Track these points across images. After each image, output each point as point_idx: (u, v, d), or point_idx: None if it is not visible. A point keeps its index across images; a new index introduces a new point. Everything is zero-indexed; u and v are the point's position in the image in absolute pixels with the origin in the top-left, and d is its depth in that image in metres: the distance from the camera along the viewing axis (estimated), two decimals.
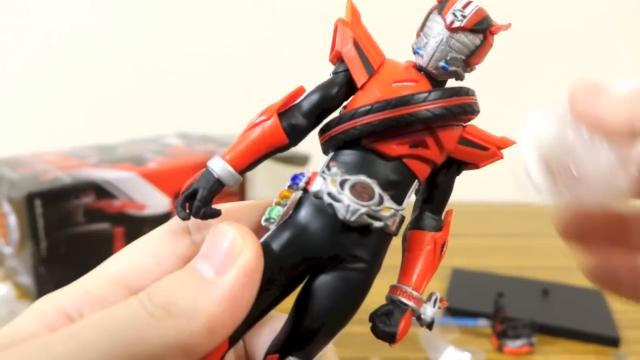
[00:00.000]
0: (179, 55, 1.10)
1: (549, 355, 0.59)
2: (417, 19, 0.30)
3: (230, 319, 0.23)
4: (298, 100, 0.30)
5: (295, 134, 0.30)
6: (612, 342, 0.60)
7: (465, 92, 0.30)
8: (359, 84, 0.29)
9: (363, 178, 0.27)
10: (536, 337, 0.60)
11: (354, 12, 0.31)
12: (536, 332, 0.60)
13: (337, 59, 0.30)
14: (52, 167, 0.74)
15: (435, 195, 0.31)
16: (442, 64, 0.29)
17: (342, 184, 0.27)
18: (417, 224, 0.31)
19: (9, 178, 0.71)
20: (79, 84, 1.11)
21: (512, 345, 0.58)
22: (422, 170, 0.30)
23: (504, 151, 0.33)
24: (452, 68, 0.30)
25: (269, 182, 0.77)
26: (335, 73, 0.30)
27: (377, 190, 0.27)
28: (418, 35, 0.30)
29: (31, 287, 0.68)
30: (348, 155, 0.29)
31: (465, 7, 0.29)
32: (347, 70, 0.30)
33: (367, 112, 0.28)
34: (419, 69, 0.30)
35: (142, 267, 0.27)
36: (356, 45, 0.30)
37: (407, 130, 0.28)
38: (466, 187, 1.18)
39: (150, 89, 1.10)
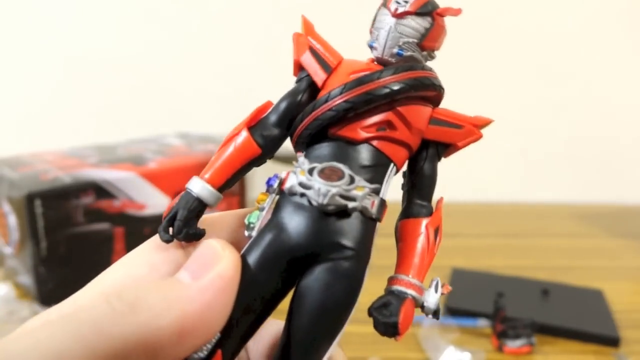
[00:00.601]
0: (179, 55, 1.10)
1: (549, 355, 0.59)
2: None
3: (202, 321, 0.22)
4: (267, 113, 0.31)
5: (268, 144, 0.30)
6: (612, 342, 0.60)
7: (421, 67, 0.30)
8: (319, 83, 0.30)
9: (333, 163, 0.27)
10: (536, 337, 0.60)
11: (307, 25, 0.32)
12: (536, 332, 0.60)
13: (299, 68, 0.31)
14: (52, 167, 0.74)
15: (419, 182, 0.31)
16: (396, 50, 0.30)
17: (310, 171, 0.27)
18: (406, 213, 0.31)
19: (9, 178, 0.71)
20: (79, 84, 1.11)
21: (512, 345, 0.58)
22: (396, 153, 0.29)
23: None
24: (408, 53, 0.30)
25: None
26: (298, 81, 0.31)
27: (347, 171, 0.27)
28: (370, 32, 0.31)
29: (31, 287, 0.68)
30: (317, 148, 0.30)
31: None
32: (308, 75, 0.31)
33: (326, 100, 0.29)
34: (377, 61, 0.31)
35: (135, 276, 0.26)
36: (312, 51, 0.31)
37: (370, 113, 0.29)
38: (466, 187, 1.19)
39: (150, 89, 1.10)
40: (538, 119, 1.11)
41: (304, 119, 0.29)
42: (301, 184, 0.27)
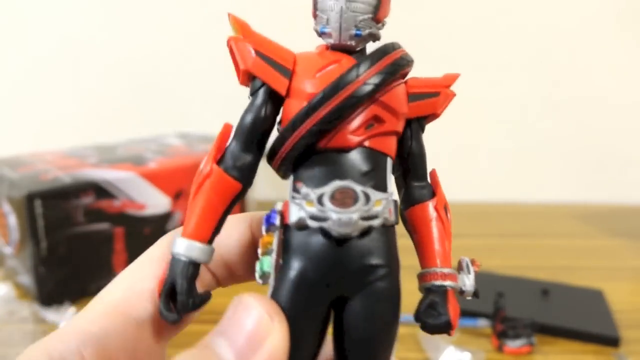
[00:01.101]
0: (179, 55, 1.10)
1: (548, 355, 0.59)
2: None
3: None
4: (231, 138, 0.28)
5: (246, 175, 0.28)
6: (612, 342, 0.60)
7: (392, 47, 0.28)
8: (282, 92, 0.27)
9: (337, 183, 0.25)
10: (536, 337, 0.60)
11: (240, 24, 0.29)
12: (536, 332, 0.60)
13: (248, 78, 0.28)
14: (52, 167, 0.74)
15: (412, 163, 0.30)
16: (353, 32, 0.28)
17: (320, 200, 0.25)
18: (409, 200, 0.29)
19: (9, 178, 0.70)
20: (79, 84, 1.11)
21: (512, 345, 0.58)
22: (389, 145, 0.28)
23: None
24: (366, 31, 0.28)
25: (270, 182, 0.78)
26: (253, 93, 0.28)
27: (359, 188, 0.25)
28: (315, 16, 0.29)
29: (31, 287, 0.68)
30: (309, 167, 0.27)
31: None
32: (264, 84, 0.28)
33: (306, 115, 0.26)
34: (333, 48, 0.28)
35: (139, 290, 0.25)
36: (260, 54, 0.28)
37: (354, 114, 0.27)
38: (466, 187, 1.19)
39: (150, 89, 1.10)
40: (538, 119, 1.11)
41: (286, 140, 0.27)
42: (314, 217, 0.24)
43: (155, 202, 0.74)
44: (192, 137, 0.94)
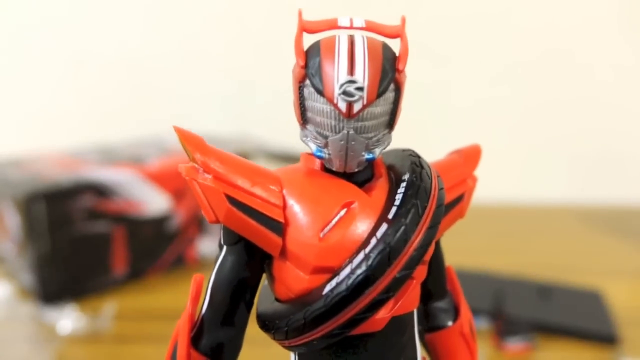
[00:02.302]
0: (179, 55, 1.10)
1: (548, 354, 0.59)
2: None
3: None
4: (206, 305, 0.23)
5: (230, 352, 0.23)
6: (611, 341, 0.60)
7: (427, 175, 0.21)
8: (274, 253, 0.22)
9: None
10: (536, 337, 0.60)
11: (194, 143, 0.21)
12: (536, 331, 0.60)
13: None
14: (52, 167, 0.74)
15: (431, 283, 0.25)
16: (364, 157, 0.21)
17: None
18: (431, 324, 0.26)
19: (9, 178, 0.71)
20: (79, 84, 1.11)
21: (512, 344, 0.58)
22: (416, 296, 0.23)
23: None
24: (380, 149, 0.22)
25: None
26: (229, 245, 0.22)
27: None
28: (302, 122, 0.22)
29: (32, 287, 0.68)
30: (314, 355, 0.22)
31: (351, 70, 0.20)
32: (243, 239, 0.22)
33: (324, 319, 0.20)
34: (329, 170, 0.22)
35: None
36: (235, 202, 0.21)
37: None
38: None
39: (150, 89, 1.10)
40: (538, 119, 1.10)
41: (292, 336, 0.21)
42: None
43: (155, 202, 0.74)
44: None
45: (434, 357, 0.27)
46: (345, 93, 0.19)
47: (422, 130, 0.98)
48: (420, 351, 0.24)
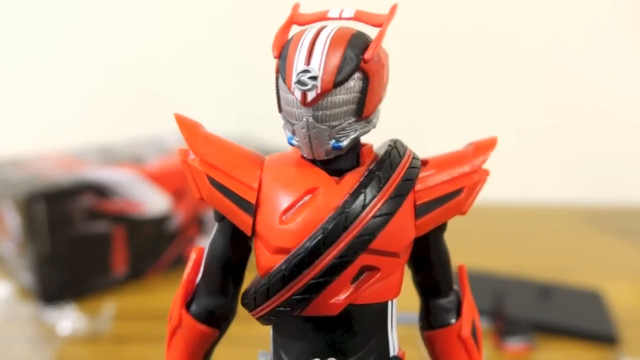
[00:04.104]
0: (180, 55, 1.10)
1: (548, 354, 0.59)
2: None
3: None
4: (200, 274, 0.25)
5: (220, 318, 0.25)
6: (610, 340, 0.60)
7: (397, 153, 0.22)
8: (247, 232, 0.23)
9: None
10: (536, 337, 0.60)
11: (188, 128, 0.23)
12: (535, 331, 0.60)
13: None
14: (52, 167, 0.74)
15: (430, 275, 0.25)
16: (329, 145, 0.21)
17: None
18: (429, 320, 0.25)
19: (9, 178, 0.71)
20: (80, 84, 1.11)
21: (512, 344, 0.58)
22: (388, 289, 0.22)
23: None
24: (349, 139, 0.21)
25: None
26: (217, 221, 0.25)
27: None
28: (280, 110, 0.23)
29: (32, 287, 0.68)
30: (289, 334, 0.23)
31: (309, 60, 0.20)
32: (225, 218, 0.23)
33: (283, 283, 0.21)
34: (309, 158, 0.22)
35: None
36: (215, 183, 0.22)
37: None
38: None
39: (150, 89, 1.10)
40: (538, 120, 1.10)
41: (259, 305, 0.22)
42: None
43: (155, 202, 0.74)
44: None
45: (432, 357, 0.26)
46: (299, 82, 0.20)
47: (422, 131, 0.98)
48: (394, 345, 0.23)
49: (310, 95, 0.20)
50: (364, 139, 0.24)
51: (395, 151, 0.22)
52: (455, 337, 0.25)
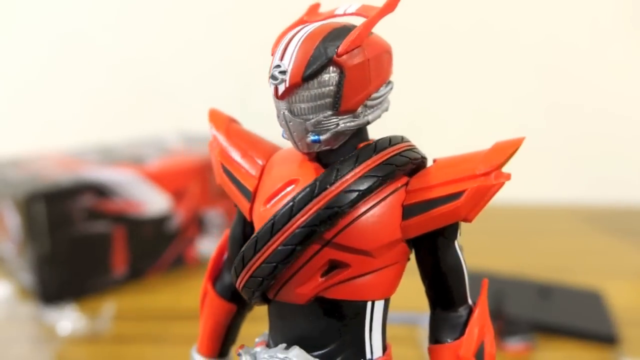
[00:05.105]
0: (179, 55, 1.10)
1: (548, 354, 0.59)
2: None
3: None
4: (227, 252, 0.27)
5: (237, 295, 0.25)
6: (610, 340, 0.60)
7: (387, 142, 0.22)
8: (247, 217, 0.24)
9: (278, 355, 0.22)
10: (536, 336, 0.60)
11: (216, 120, 0.26)
12: (535, 331, 0.60)
13: None
14: (52, 167, 0.74)
15: (435, 285, 0.24)
16: (309, 139, 0.21)
17: None
18: (432, 333, 0.24)
19: (9, 178, 0.71)
20: (80, 84, 1.11)
21: (512, 344, 0.58)
22: (365, 288, 0.22)
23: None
24: (329, 133, 0.21)
25: None
26: (235, 206, 0.26)
27: None
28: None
29: (32, 287, 0.68)
30: (274, 318, 0.24)
31: (282, 56, 0.21)
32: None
33: (254, 250, 0.21)
34: (310, 155, 0.23)
35: None
36: (225, 169, 0.24)
37: (301, 259, 0.21)
38: None
39: (150, 89, 1.10)
40: (538, 119, 1.10)
41: (237, 274, 0.22)
42: None
43: (155, 202, 0.74)
44: (192, 137, 0.94)
45: None
46: (272, 77, 0.21)
47: (423, 131, 0.98)
48: (374, 349, 0.22)
49: (281, 89, 0.21)
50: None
51: (386, 139, 0.22)
52: (453, 357, 0.23)
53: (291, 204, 0.21)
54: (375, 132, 0.26)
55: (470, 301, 0.24)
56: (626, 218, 1.03)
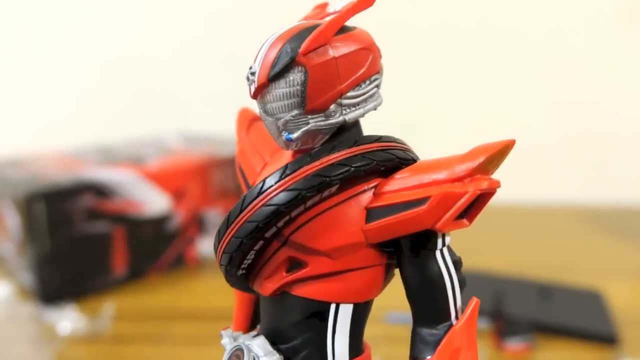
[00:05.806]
0: (179, 55, 1.10)
1: (548, 354, 0.59)
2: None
3: None
4: None
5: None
6: (610, 340, 0.60)
7: (363, 140, 0.21)
8: None
9: (240, 342, 0.23)
10: (536, 336, 0.60)
11: (240, 122, 0.27)
12: (535, 331, 0.60)
13: None
14: (52, 167, 0.74)
15: (411, 297, 0.23)
16: (283, 137, 0.22)
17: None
18: (411, 348, 0.23)
19: (9, 178, 0.71)
20: (80, 84, 1.11)
21: (512, 344, 0.58)
22: (327, 289, 0.22)
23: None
24: (299, 131, 0.21)
25: None
26: None
27: (254, 353, 0.22)
28: None
29: (32, 287, 0.68)
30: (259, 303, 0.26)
31: (255, 58, 0.22)
32: None
33: (219, 237, 0.22)
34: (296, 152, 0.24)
35: None
36: (239, 166, 0.27)
37: (267, 254, 0.22)
38: None
39: (150, 89, 1.10)
40: (538, 119, 1.10)
41: (215, 250, 0.23)
42: None
43: (155, 202, 0.74)
44: (192, 137, 0.94)
45: None
46: (246, 78, 0.22)
47: (423, 132, 0.98)
48: (339, 354, 0.22)
49: (252, 89, 0.22)
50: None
51: (374, 136, 0.22)
52: None
53: (262, 183, 0.21)
54: (375, 132, 0.26)
55: (454, 321, 0.22)
56: (626, 218, 1.03)
